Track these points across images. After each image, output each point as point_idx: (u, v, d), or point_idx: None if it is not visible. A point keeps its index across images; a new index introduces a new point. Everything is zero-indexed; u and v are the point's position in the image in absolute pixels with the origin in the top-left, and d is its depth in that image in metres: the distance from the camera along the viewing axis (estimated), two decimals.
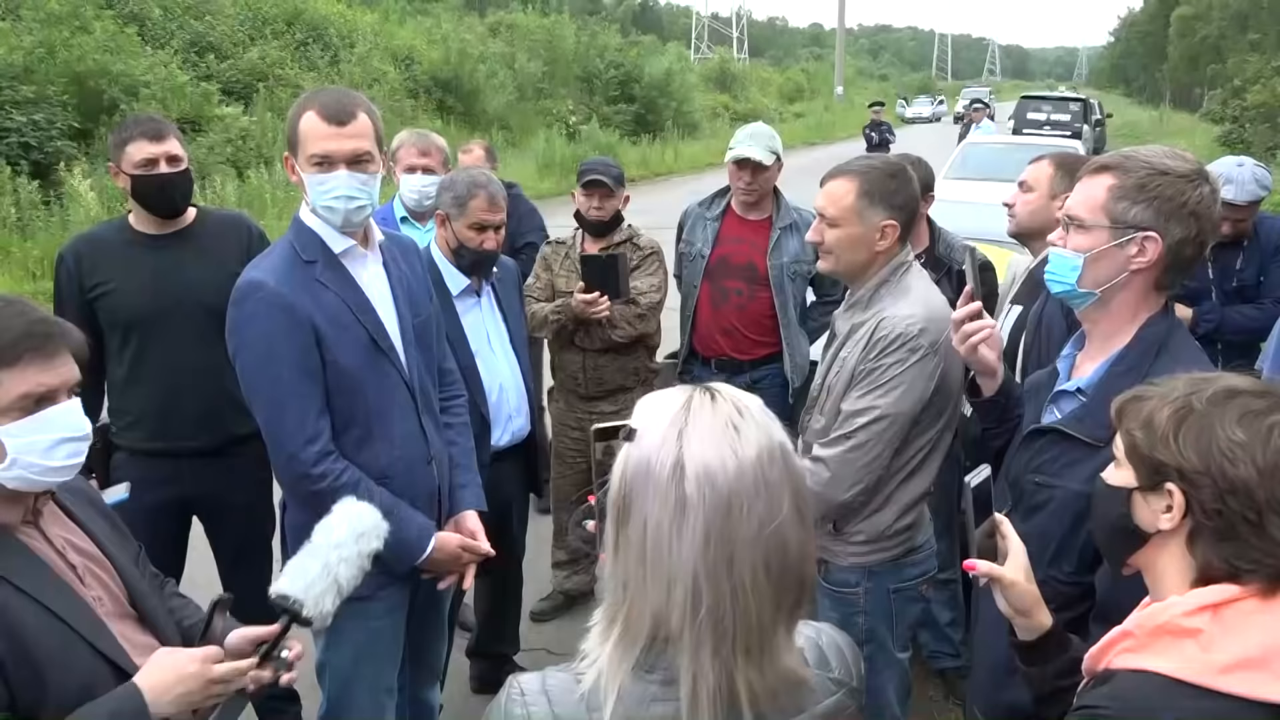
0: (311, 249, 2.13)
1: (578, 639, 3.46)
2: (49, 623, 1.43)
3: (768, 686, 1.05)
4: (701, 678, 1.02)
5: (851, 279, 2.38)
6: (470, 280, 3.04)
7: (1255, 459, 1.19)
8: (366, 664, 2.28)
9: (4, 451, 1.42)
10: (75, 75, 12.90)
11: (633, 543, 1.05)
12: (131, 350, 2.78)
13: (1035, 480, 1.82)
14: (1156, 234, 1.69)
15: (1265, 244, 3.72)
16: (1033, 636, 1.49)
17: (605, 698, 1.04)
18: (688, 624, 1.02)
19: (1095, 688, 1.28)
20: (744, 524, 1.01)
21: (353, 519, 1.67)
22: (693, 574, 1.01)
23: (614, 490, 1.08)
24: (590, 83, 26.12)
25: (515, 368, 3.17)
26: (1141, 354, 1.75)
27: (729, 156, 3.55)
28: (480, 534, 2.39)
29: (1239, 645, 1.17)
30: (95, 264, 2.77)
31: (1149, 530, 1.30)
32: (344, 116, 2.07)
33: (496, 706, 1.12)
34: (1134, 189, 1.70)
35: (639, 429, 1.08)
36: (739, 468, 1.02)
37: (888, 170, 2.30)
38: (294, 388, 2.06)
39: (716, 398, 1.07)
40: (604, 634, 1.09)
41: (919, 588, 2.43)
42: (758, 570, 1.02)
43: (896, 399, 2.19)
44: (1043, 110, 20.88)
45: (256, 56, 17.18)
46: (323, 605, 1.59)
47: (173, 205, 2.80)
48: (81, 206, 10.72)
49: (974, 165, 10.69)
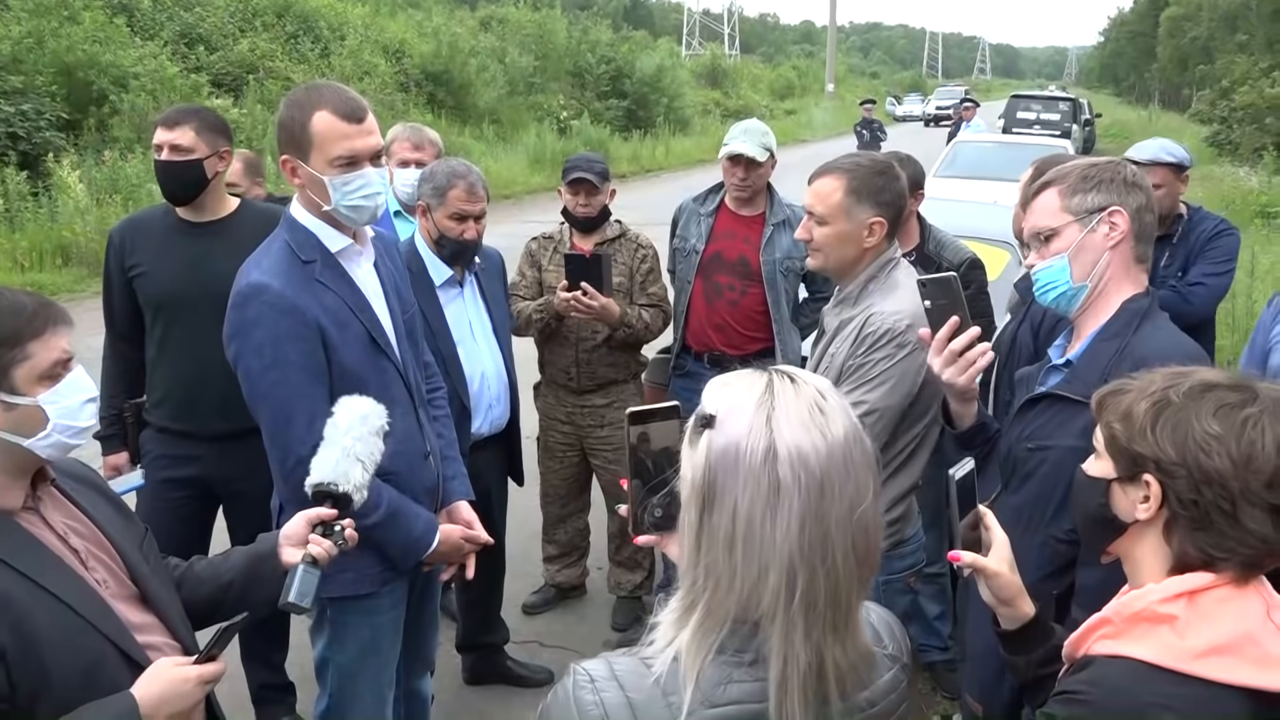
0: (308, 248, 2.10)
1: (570, 631, 3.49)
2: (51, 605, 1.45)
3: (850, 663, 1.07)
4: (793, 659, 1.03)
5: (840, 276, 2.41)
6: (453, 271, 3.06)
7: (1230, 451, 1.23)
8: (371, 659, 2.30)
9: (44, 419, 1.47)
10: (64, 66, 12.83)
11: (720, 529, 1.04)
12: (159, 331, 2.86)
13: (1028, 446, 1.90)
14: (1120, 207, 1.84)
15: (1194, 240, 3.68)
16: (1015, 626, 1.53)
17: (684, 681, 1.04)
18: (782, 607, 1.02)
19: (1074, 674, 1.32)
20: (836, 505, 1.02)
21: (351, 407, 1.79)
22: (789, 558, 1.02)
23: (694, 479, 1.06)
24: (581, 78, 26.07)
25: (498, 357, 3.20)
26: (1125, 323, 1.84)
27: (723, 152, 3.57)
28: (476, 523, 2.42)
29: (1213, 631, 1.21)
30: (134, 245, 2.87)
31: (1127, 520, 1.33)
32: (360, 113, 2.06)
33: (563, 694, 1.08)
34: (1079, 182, 1.88)
35: (718, 415, 1.07)
36: (829, 450, 1.03)
37: (875, 168, 2.33)
38: (301, 391, 2.02)
39: (797, 381, 1.08)
40: (681, 620, 1.08)
41: (906, 580, 2.47)
42: (848, 551, 1.03)
43: (884, 394, 2.22)
44: (1032, 109, 20.98)
45: (247, 49, 17.09)
46: (353, 478, 1.74)
47: (170, 192, 2.84)
48: (70, 198, 10.65)
49: (964, 164, 10.74)
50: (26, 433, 1.47)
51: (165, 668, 1.51)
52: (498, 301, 3.25)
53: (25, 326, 1.46)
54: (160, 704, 1.47)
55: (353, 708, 2.30)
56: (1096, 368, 1.80)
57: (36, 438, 1.47)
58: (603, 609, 4.04)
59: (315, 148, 2.04)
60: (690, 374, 3.74)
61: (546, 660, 3.67)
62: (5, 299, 1.47)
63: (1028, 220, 1.98)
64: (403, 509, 2.17)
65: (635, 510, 1.30)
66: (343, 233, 2.14)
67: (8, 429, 1.45)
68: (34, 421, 1.47)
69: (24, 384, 1.45)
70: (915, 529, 2.48)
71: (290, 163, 2.09)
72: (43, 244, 10.15)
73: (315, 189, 2.08)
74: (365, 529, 2.09)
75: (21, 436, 1.46)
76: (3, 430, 1.45)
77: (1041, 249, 1.91)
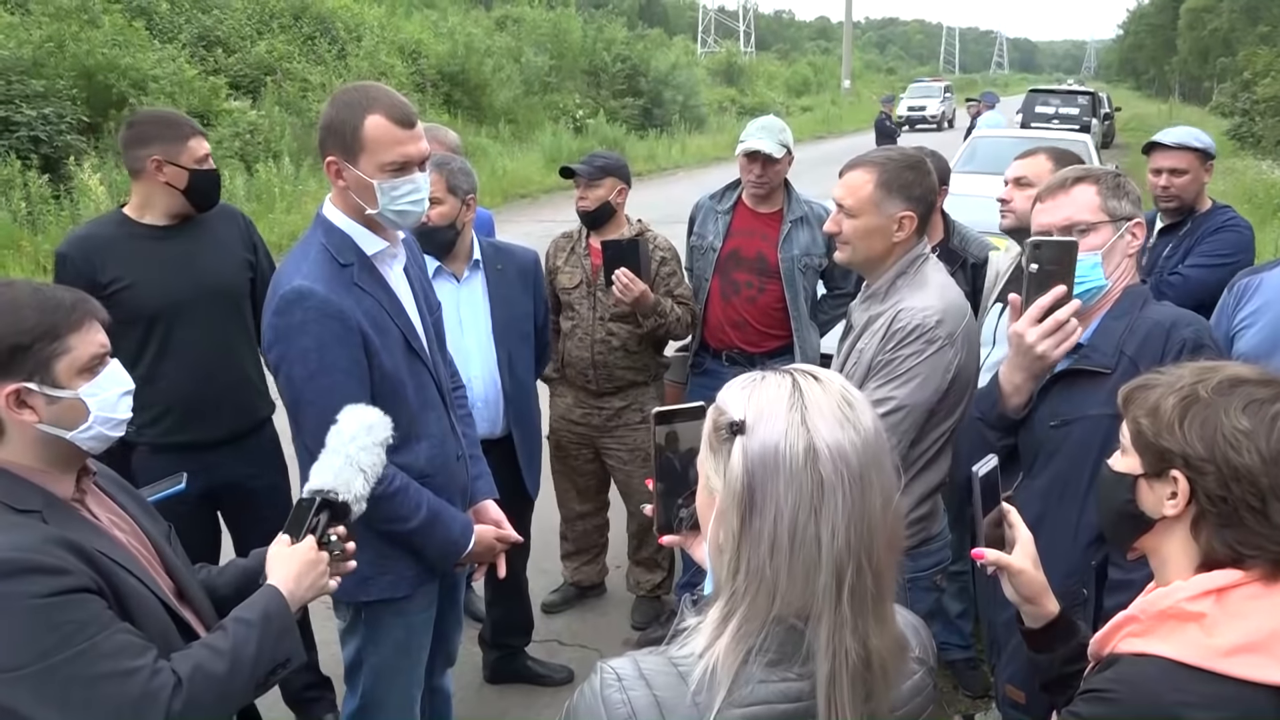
0: (346, 251, 2.07)
1: (589, 629, 3.49)
2: (125, 575, 1.50)
3: (889, 649, 1.07)
4: (840, 654, 1.02)
5: (868, 270, 2.39)
6: (440, 262, 2.99)
7: (1259, 447, 1.22)
8: (404, 659, 2.31)
9: (86, 412, 1.50)
10: (84, 69, 12.92)
11: (764, 535, 1.03)
12: (155, 344, 2.78)
13: (1051, 425, 1.96)
14: (1141, 219, 2.04)
15: (1200, 234, 3.48)
16: (1040, 624, 1.52)
17: (717, 682, 1.03)
18: (830, 606, 1.02)
19: (1101, 672, 1.31)
20: (875, 498, 1.03)
21: (357, 416, 1.77)
22: (837, 556, 1.01)
23: (732, 486, 1.05)
24: (597, 76, 26.06)
25: (490, 360, 3.09)
26: (1130, 304, 2.00)
27: (739, 149, 3.56)
28: (505, 522, 2.43)
29: (1242, 629, 1.20)
30: (105, 261, 2.74)
31: (1154, 516, 1.32)
32: (413, 118, 2.03)
33: (590, 693, 1.08)
34: (1115, 188, 2.02)
35: (748, 420, 1.05)
36: (865, 444, 1.04)
37: (906, 162, 2.31)
38: (348, 396, 1.93)
39: (821, 378, 1.08)
40: (720, 623, 1.06)
41: (934, 578, 2.45)
42: (889, 541, 1.04)
43: (913, 390, 2.20)
44: (1051, 104, 20.80)
45: (264, 50, 17.17)
46: (354, 488, 1.71)
47: (208, 202, 2.86)
48: (91, 201, 10.73)
49: (983, 159, 10.69)
50: (69, 425, 1.49)
51: (283, 549, 1.66)
52: (509, 303, 3.14)
53: (64, 320, 1.48)
54: (298, 580, 1.62)
55: (383, 707, 2.31)
56: (1111, 340, 1.95)
57: (79, 430, 1.50)
58: (622, 607, 4.04)
59: (366, 152, 2.01)
60: (709, 372, 3.73)
61: (566, 659, 3.68)
62: (44, 294, 1.49)
63: (1059, 209, 2.01)
64: (441, 512, 2.18)
65: (661, 511, 1.29)
66: (379, 236, 2.12)
67: (51, 422, 1.48)
68: (76, 414, 1.49)
69: (65, 377, 1.48)
70: (941, 526, 2.47)
71: (336, 164, 2.04)
72: None
73: (361, 192, 2.05)
74: (406, 533, 2.12)
75: (64, 429, 1.49)
76: (47, 424, 1.47)
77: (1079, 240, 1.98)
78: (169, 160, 2.75)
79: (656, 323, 3.51)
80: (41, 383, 1.46)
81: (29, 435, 1.47)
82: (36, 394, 1.46)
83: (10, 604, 1.33)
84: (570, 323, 3.62)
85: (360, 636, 2.27)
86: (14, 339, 1.43)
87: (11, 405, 1.45)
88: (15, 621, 1.33)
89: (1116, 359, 1.93)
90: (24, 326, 1.44)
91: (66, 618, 1.35)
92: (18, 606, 1.33)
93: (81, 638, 1.35)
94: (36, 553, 1.36)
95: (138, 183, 2.80)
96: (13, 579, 1.33)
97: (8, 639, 1.33)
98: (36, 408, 1.46)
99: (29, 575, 1.34)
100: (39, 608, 1.33)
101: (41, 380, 1.46)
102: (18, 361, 1.44)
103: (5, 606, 1.33)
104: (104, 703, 1.36)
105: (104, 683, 1.35)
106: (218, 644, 1.51)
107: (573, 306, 3.61)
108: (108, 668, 1.36)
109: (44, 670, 1.32)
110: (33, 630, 1.33)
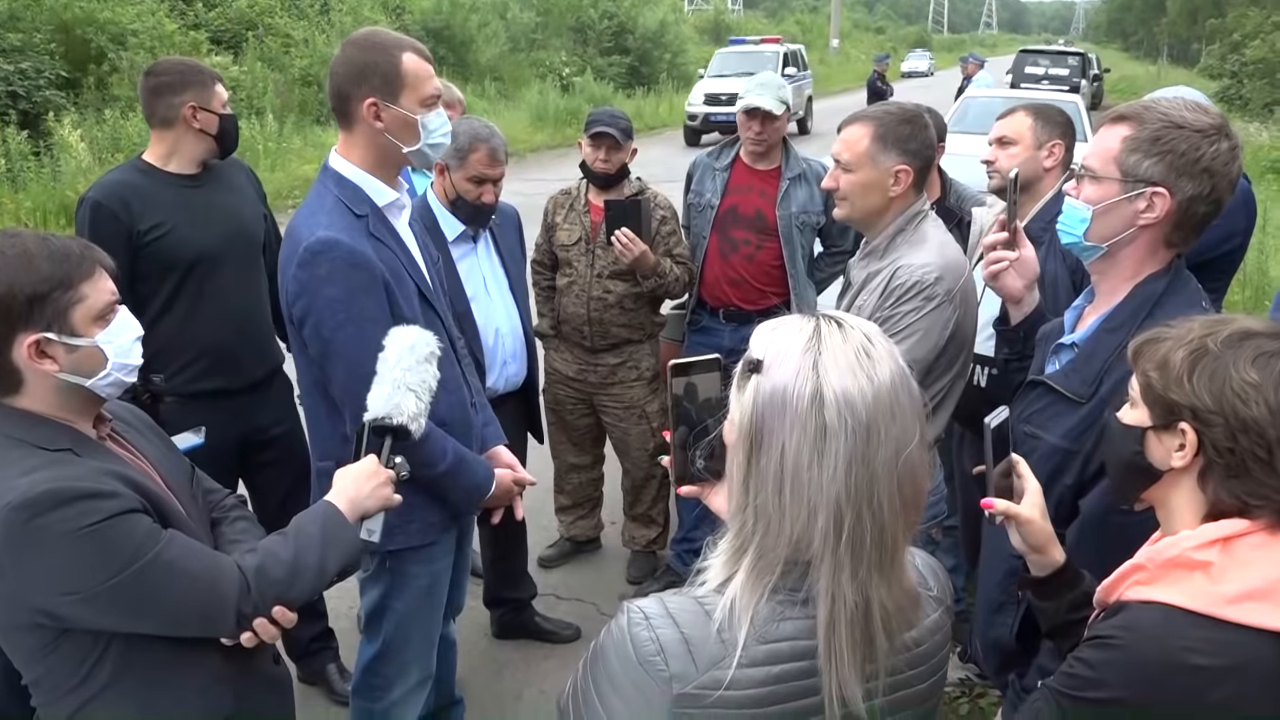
0: (360, 203, 2.06)
1: (586, 583, 3.53)
2: (165, 497, 1.56)
3: (896, 603, 1.09)
4: (839, 599, 1.04)
5: (866, 226, 2.40)
6: (466, 226, 3.06)
7: (1268, 399, 1.24)
8: (427, 604, 2.34)
9: (104, 359, 1.51)
10: (61, 23, 12.68)
11: (768, 473, 1.06)
12: (190, 291, 2.78)
13: (1025, 430, 1.83)
14: (1166, 189, 1.64)
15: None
16: (1046, 573, 1.54)
17: (740, 619, 1.06)
18: (829, 549, 1.04)
19: (1106, 619, 1.33)
20: (883, 449, 1.04)
21: (396, 339, 1.79)
22: (835, 500, 1.03)
23: (742, 422, 1.08)
24: (584, 34, 25.71)
25: (513, 313, 3.19)
26: (1132, 312, 1.72)
27: (739, 106, 3.54)
28: (518, 465, 2.46)
29: (1247, 577, 1.22)
30: (144, 208, 2.72)
31: (1162, 467, 1.34)
32: (430, 57, 2.09)
33: (618, 631, 1.10)
34: (1147, 141, 1.64)
35: (765, 360, 1.08)
36: (876, 394, 1.04)
37: (902, 116, 2.31)
38: (378, 344, 1.89)
39: (844, 325, 1.08)
40: (732, 561, 1.10)
41: (929, 531, 2.49)
42: (894, 494, 1.05)
43: (912, 346, 2.21)
44: (1040, 64, 20.67)
45: (245, 5, 16.84)
46: (406, 408, 1.73)
47: (233, 146, 2.90)
48: (72, 157, 10.59)
49: (974, 118, 10.65)
50: (88, 373, 1.50)
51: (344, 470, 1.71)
52: (514, 257, 3.24)
53: (76, 269, 1.48)
54: (359, 492, 1.67)
55: (404, 651, 2.35)
56: (1094, 365, 1.72)
57: (98, 377, 1.51)
58: (618, 562, 4.08)
59: (408, 88, 2.04)
60: (705, 329, 3.74)
61: (563, 613, 3.72)
62: (52, 244, 1.49)
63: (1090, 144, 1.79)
64: (465, 456, 2.19)
65: (678, 463, 1.30)
66: (388, 186, 2.12)
67: (71, 370, 1.49)
68: (94, 362, 1.51)
69: (82, 325, 1.49)
70: (937, 481, 2.50)
71: (376, 105, 2.03)
72: (46, 204, 10.09)
73: (401, 130, 2.06)
74: (435, 477, 2.13)
75: (84, 377, 1.50)
76: (67, 372, 1.48)
77: (1079, 184, 1.77)
78: (202, 106, 2.76)
79: (656, 283, 3.52)
80: (60, 332, 1.47)
81: (48, 384, 1.49)
82: (56, 343, 1.47)
83: (72, 528, 1.38)
84: (567, 279, 3.61)
85: (385, 584, 2.28)
86: (31, 289, 1.44)
87: (33, 355, 1.45)
88: (81, 545, 1.39)
89: (1092, 390, 1.71)
90: (39, 276, 1.44)
91: (126, 536, 1.42)
92: (80, 531, 1.38)
93: (145, 550, 1.43)
94: (86, 480, 1.41)
95: (166, 131, 2.78)
96: (69, 505, 1.38)
97: (77, 563, 1.39)
98: (56, 357, 1.47)
99: (84, 500, 1.39)
100: (98, 529, 1.39)
101: (60, 329, 1.47)
102: (36, 311, 1.44)
103: (67, 531, 1.38)
104: (177, 606, 1.47)
105: (173, 589, 1.46)
106: (279, 551, 1.59)
107: (570, 263, 3.60)
108: (176, 574, 1.45)
109: (115, 586, 1.41)
110: (98, 552, 1.40)
